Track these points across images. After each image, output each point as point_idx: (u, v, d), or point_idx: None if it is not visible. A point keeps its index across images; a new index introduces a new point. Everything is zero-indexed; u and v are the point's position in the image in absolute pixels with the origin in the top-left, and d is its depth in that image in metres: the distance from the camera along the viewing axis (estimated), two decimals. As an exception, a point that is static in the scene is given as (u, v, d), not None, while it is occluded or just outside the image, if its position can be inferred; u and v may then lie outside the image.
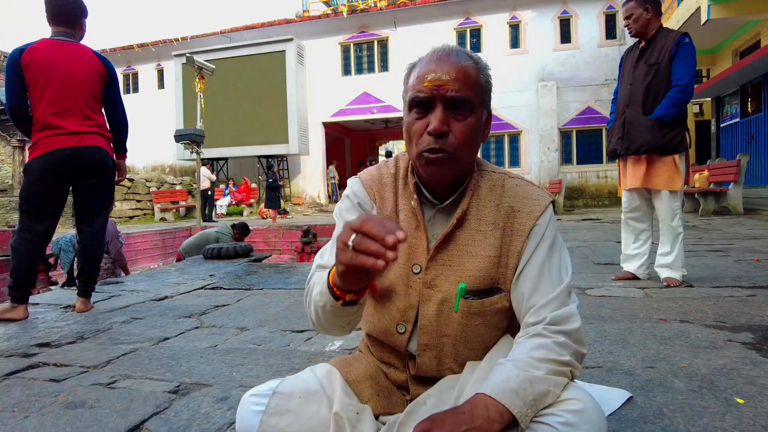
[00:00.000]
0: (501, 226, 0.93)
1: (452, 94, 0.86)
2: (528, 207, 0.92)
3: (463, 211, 0.93)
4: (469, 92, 0.87)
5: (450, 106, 0.87)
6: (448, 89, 0.86)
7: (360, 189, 1.03)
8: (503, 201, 0.94)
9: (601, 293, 2.86)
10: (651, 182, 2.98)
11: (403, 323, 0.97)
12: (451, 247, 0.94)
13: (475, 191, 0.95)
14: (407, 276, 0.96)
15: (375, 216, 0.84)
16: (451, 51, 0.90)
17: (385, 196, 1.01)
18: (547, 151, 14.88)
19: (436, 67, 0.88)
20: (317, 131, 17.08)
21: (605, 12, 14.63)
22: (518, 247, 0.91)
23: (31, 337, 2.34)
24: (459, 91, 0.86)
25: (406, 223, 0.98)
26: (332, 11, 17.91)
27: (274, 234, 9.99)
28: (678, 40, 2.86)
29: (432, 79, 0.87)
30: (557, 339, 0.83)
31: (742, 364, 1.65)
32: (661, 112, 2.87)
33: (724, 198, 8.81)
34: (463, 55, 0.90)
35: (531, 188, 0.96)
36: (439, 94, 0.87)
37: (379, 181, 1.02)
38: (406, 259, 0.96)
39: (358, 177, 1.06)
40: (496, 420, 0.72)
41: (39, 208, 2.73)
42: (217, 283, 3.81)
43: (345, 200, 1.04)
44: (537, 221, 0.91)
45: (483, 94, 0.91)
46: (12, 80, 2.71)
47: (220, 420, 1.39)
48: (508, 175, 0.98)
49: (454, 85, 0.86)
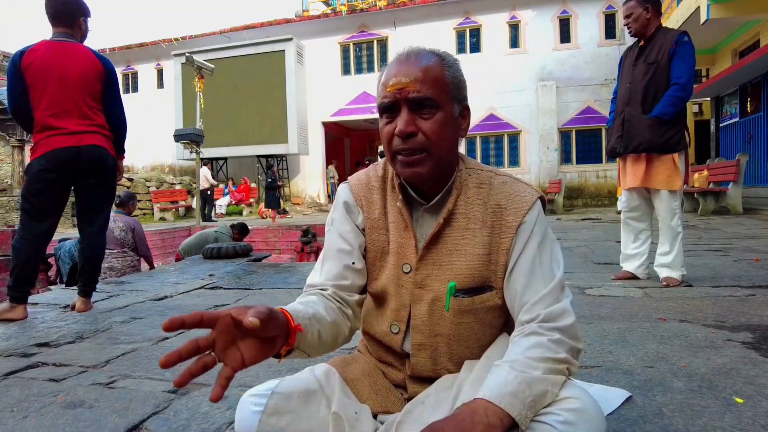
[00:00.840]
0: (489, 224, 0.93)
1: (414, 95, 0.88)
2: (515, 204, 0.93)
3: (450, 210, 0.94)
4: (432, 90, 0.88)
5: (414, 107, 0.89)
6: (410, 90, 0.88)
7: (348, 195, 1.05)
8: (490, 199, 0.94)
9: (600, 293, 2.86)
10: (650, 181, 2.98)
11: (396, 323, 0.98)
12: (440, 247, 0.95)
13: (462, 189, 0.96)
14: (398, 276, 0.97)
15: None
16: (411, 53, 0.92)
17: (373, 200, 1.02)
18: (546, 150, 14.89)
19: (397, 71, 0.90)
20: (317, 131, 17.08)
21: (605, 12, 14.64)
22: (507, 245, 0.92)
23: (30, 337, 2.34)
24: (420, 91, 0.87)
25: (395, 224, 0.99)
26: (332, 11, 17.91)
27: (273, 234, 9.99)
28: (677, 38, 2.86)
29: (393, 84, 0.89)
30: (552, 336, 0.83)
31: (742, 364, 1.65)
32: (661, 110, 2.87)
33: (724, 198, 8.82)
34: (426, 55, 0.91)
35: (518, 185, 0.96)
36: (401, 97, 0.88)
37: (367, 186, 1.04)
38: (396, 259, 0.98)
39: (347, 182, 1.08)
40: (497, 425, 0.72)
41: (40, 208, 2.73)
42: (216, 282, 3.81)
43: (336, 208, 1.06)
44: (524, 218, 0.92)
45: (451, 89, 0.91)
46: (13, 83, 2.73)
47: (219, 420, 1.38)
48: (495, 173, 0.98)
49: (415, 86, 0.88)
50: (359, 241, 1.02)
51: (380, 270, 1.01)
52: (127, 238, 5.03)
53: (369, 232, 1.02)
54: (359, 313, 1.04)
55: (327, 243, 1.04)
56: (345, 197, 1.05)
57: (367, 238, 1.02)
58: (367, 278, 1.03)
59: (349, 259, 1.00)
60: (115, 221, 4.98)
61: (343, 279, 0.99)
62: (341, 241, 1.01)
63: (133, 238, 5.06)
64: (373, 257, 1.02)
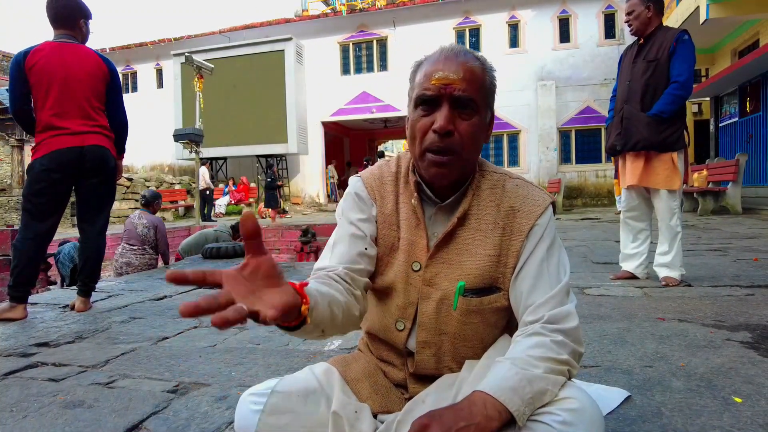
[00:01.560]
0: (501, 226, 0.93)
1: (459, 93, 0.87)
2: (528, 207, 0.93)
3: (464, 211, 0.94)
4: (475, 93, 0.88)
5: (456, 105, 0.88)
6: (456, 88, 0.87)
7: (361, 187, 1.03)
8: (503, 201, 0.94)
9: (600, 292, 2.87)
10: (649, 181, 2.98)
11: (402, 320, 0.98)
12: (451, 246, 0.95)
13: (476, 191, 0.96)
14: (407, 273, 0.97)
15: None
16: (459, 51, 0.91)
17: (386, 195, 1.01)
18: (546, 150, 14.89)
19: (444, 66, 0.88)
20: (316, 131, 17.07)
21: (604, 11, 14.63)
22: (517, 247, 0.92)
23: (29, 337, 2.34)
24: (466, 90, 0.87)
25: (407, 221, 0.98)
26: (331, 10, 17.90)
27: (273, 233, 9.98)
28: (677, 36, 2.86)
29: (440, 78, 0.87)
30: (555, 338, 0.83)
31: (740, 363, 1.65)
32: (660, 108, 2.87)
33: (723, 197, 8.82)
34: (470, 55, 0.91)
35: (531, 189, 0.96)
36: (446, 92, 0.87)
37: (380, 180, 1.03)
38: (406, 257, 0.97)
39: (360, 175, 1.06)
40: (494, 417, 0.73)
41: (42, 208, 2.74)
42: (216, 282, 3.80)
43: (347, 198, 1.04)
44: (536, 221, 0.92)
45: (487, 95, 0.92)
46: (17, 84, 2.73)
47: (218, 419, 1.39)
48: (509, 176, 0.98)
49: (462, 84, 0.86)
50: (371, 230, 1.00)
51: (387, 266, 1.00)
52: (149, 235, 5.16)
53: (380, 227, 1.00)
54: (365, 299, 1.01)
55: (338, 230, 1.01)
56: (357, 189, 1.03)
57: (379, 231, 1.01)
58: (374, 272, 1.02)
59: (362, 244, 0.98)
60: (139, 218, 5.18)
61: (355, 263, 0.96)
62: (354, 228, 0.99)
63: (155, 235, 5.20)
64: (381, 252, 1.00)
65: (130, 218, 5.29)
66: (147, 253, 5.16)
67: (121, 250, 5.16)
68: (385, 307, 1.00)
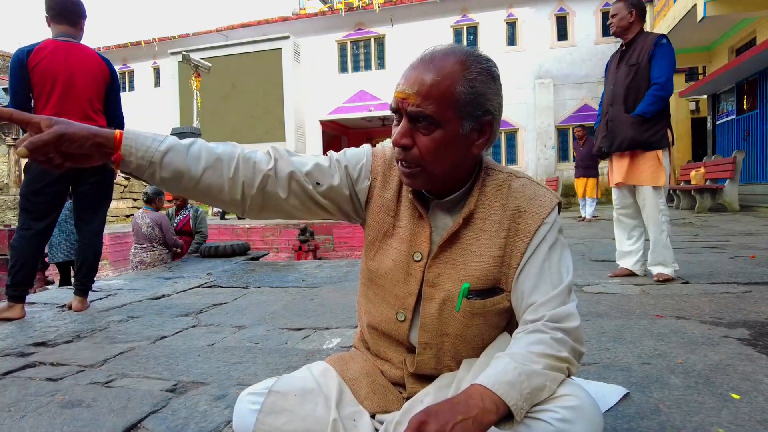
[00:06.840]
0: (506, 226, 0.92)
1: (412, 108, 0.84)
2: (534, 208, 0.92)
3: (470, 211, 0.93)
4: (433, 107, 0.83)
5: (413, 119, 0.86)
6: (409, 103, 0.84)
7: (368, 158, 1.01)
8: (509, 201, 0.93)
9: (598, 290, 2.87)
10: (636, 178, 3.07)
11: (402, 311, 0.97)
12: (455, 247, 0.94)
13: (482, 191, 0.94)
14: (408, 263, 0.96)
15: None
16: (434, 56, 0.86)
17: (391, 180, 1.00)
18: (543, 148, 14.90)
19: (406, 77, 0.87)
20: (314, 129, 17.05)
21: (601, 9, 14.62)
22: (522, 248, 0.91)
23: (27, 336, 2.33)
24: (420, 105, 0.83)
25: (408, 209, 0.97)
26: (329, 9, 17.84)
27: (271, 232, 9.97)
28: (656, 40, 2.99)
29: (399, 91, 0.87)
30: (555, 335, 0.83)
31: (738, 360, 1.66)
32: (642, 108, 2.98)
33: (720, 195, 8.84)
34: (445, 62, 0.85)
35: (538, 189, 0.95)
36: (402, 107, 0.86)
37: (390, 164, 1.01)
38: (407, 246, 0.96)
39: (372, 149, 1.04)
40: (492, 410, 0.73)
41: (40, 207, 2.73)
42: (214, 281, 3.80)
43: (349, 152, 1.01)
44: (542, 222, 0.91)
45: (460, 106, 0.84)
46: (18, 82, 2.68)
47: (217, 418, 1.39)
48: (515, 175, 0.97)
49: (415, 99, 0.83)
50: (341, 191, 0.97)
51: (379, 251, 0.99)
52: (155, 233, 5.23)
53: (375, 210, 0.99)
54: (264, 191, 0.93)
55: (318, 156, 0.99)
56: (362, 159, 1.00)
57: (371, 215, 1.00)
58: (364, 256, 1.03)
59: (322, 177, 0.95)
60: (142, 218, 5.23)
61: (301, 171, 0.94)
62: (330, 164, 0.97)
63: (160, 232, 5.26)
64: (373, 236, 1.00)
65: (135, 219, 5.34)
66: (156, 250, 5.27)
67: (134, 250, 5.31)
68: (382, 296, 1.00)
